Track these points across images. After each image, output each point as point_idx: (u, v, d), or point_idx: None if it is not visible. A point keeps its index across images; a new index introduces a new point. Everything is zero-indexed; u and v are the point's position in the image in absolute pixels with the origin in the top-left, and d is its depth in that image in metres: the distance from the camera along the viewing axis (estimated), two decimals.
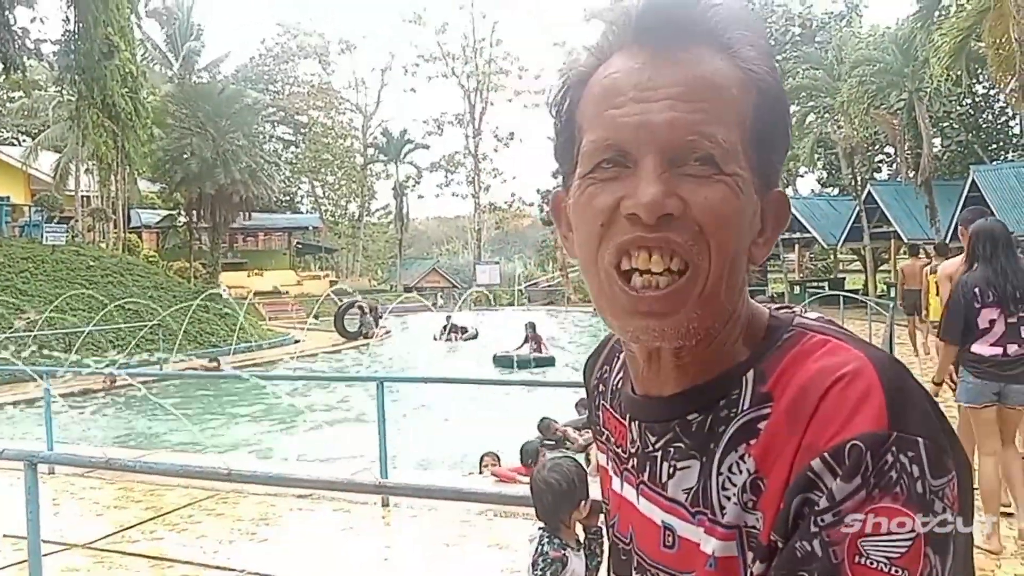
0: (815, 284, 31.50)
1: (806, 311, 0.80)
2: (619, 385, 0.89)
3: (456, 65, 55.19)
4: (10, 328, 15.12)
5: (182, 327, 17.51)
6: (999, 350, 4.60)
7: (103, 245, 25.98)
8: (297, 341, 21.68)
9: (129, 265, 22.25)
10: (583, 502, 2.86)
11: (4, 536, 5.23)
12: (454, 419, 9.91)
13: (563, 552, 2.85)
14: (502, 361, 16.22)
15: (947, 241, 20.85)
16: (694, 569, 0.74)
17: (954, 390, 4.84)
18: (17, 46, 19.45)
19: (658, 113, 0.69)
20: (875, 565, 0.60)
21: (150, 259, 28.97)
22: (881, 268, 31.47)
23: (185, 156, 26.88)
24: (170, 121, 27.65)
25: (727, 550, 0.70)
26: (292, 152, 54.20)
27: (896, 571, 0.60)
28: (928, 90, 23.42)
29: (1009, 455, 4.73)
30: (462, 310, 27.25)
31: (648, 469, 0.80)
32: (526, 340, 16.79)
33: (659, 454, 0.79)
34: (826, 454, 0.63)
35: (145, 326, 17.08)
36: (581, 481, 2.90)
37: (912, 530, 0.61)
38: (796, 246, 34.23)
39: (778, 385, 0.70)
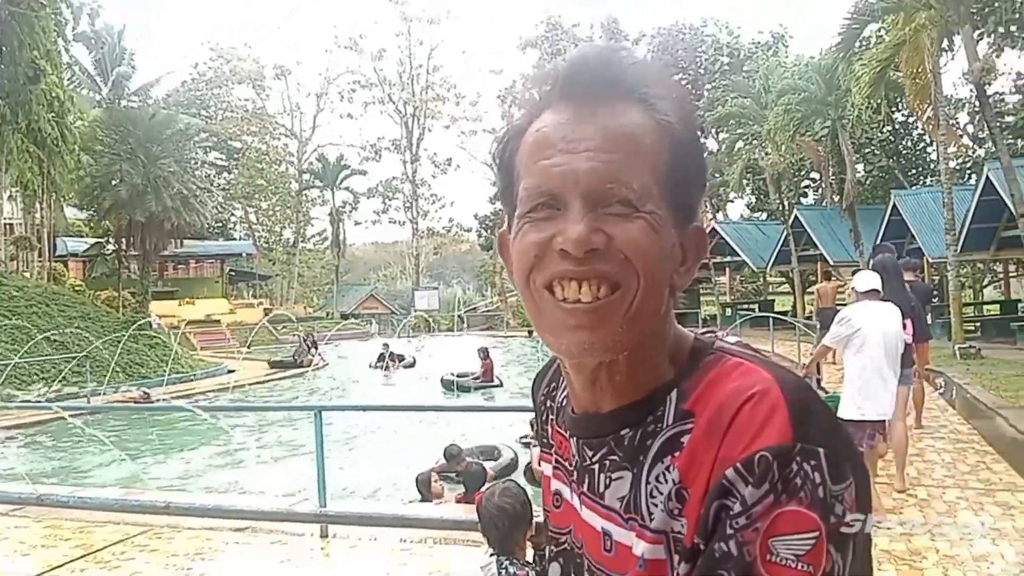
0: (746, 306, 32.26)
1: (727, 335, 0.89)
2: (563, 403, 0.97)
3: (393, 91, 55.27)
4: None
5: (113, 359, 17.04)
6: None
7: (27, 275, 25.19)
8: (231, 371, 21.27)
9: (55, 295, 21.59)
10: (532, 522, 3.00)
11: None
12: (395, 446, 9.88)
13: (526, 571, 2.95)
14: (448, 385, 16.29)
15: (867, 264, 21.62)
16: (628, 571, 0.81)
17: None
18: None
19: (581, 163, 0.77)
20: (784, 562, 0.68)
21: (77, 288, 28.16)
22: (809, 290, 32.37)
23: (114, 182, 26.27)
24: (99, 147, 27.00)
25: (655, 553, 0.77)
26: (225, 178, 53.30)
27: (803, 566, 0.67)
28: (850, 118, 24.29)
29: (898, 425, 6.44)
30: (400, 336, 27.12)
31: (587, 481, 0.88)
32: (483, 365, 16.89)
33: (596, 466, 0.86)
34: (739, 464, 0.71)
35: (73, 358, 16.57)
36: (528, 503, 3.06)
37: (815, 530, 0.68)
38: (727, 269, 34.97)
39: (698, 403, 0.78)
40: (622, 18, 76.70)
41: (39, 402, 12.72)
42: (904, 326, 6.08)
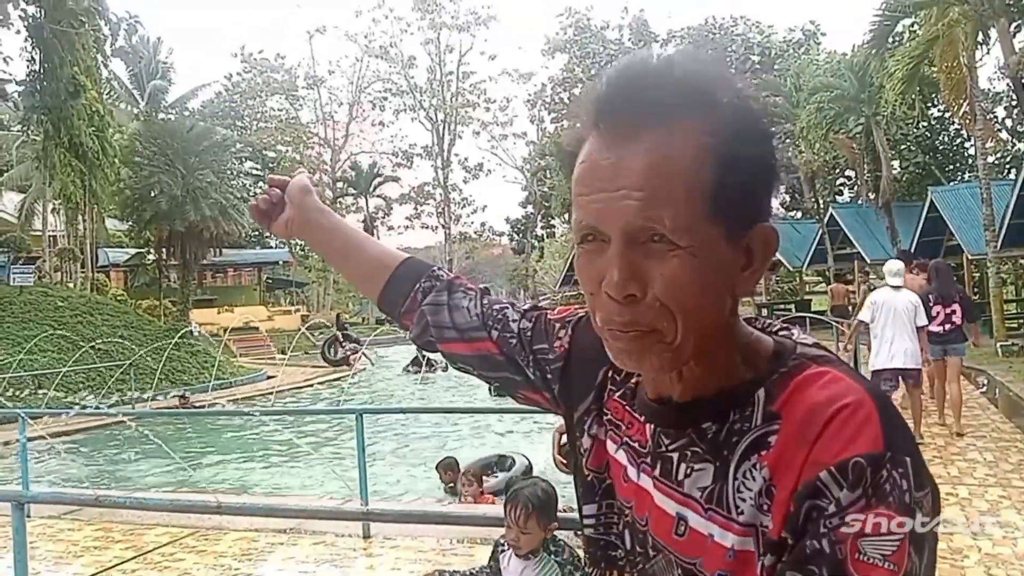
0: (782, 306, 31.95)
1: (802, 336, 0.94)
2: (634, 384, 1.01)
3: (424, 98, 55.65)
4: None
5: (158, 366, 17.39)
6: (941, 327, 8.66)
7: (71, 285, 25.75)
8: (270, 376, 21.57)
9: (98, 305, 22.05)
10: (555, 518, 3.42)
11: None
12: (434, 448, 10.01)
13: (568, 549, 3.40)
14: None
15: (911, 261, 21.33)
16: (700, 556, 0.87)
17: None
18: None
19: (616, 202, 0.81)
20: (871, 560, 0.73)
21: (119, 298, 28.68)
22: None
23: (154, 194, 26.79)
24: (138, 159, 27.55)
25: (744, 544, 0.83)
26: (261, 187, 53.94)
27: (889, 566, 0.73)
28: (885, 115, 24.02)
29: (954, 387, 8.75)
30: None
31: (661, 466, 0.93)
32: None
33: (675, 455, 0.91)
34: (833, 468, 0.75)
35: (118, 366, 16.94)
36: (555, 499, 3.47)
37: (901, 533, 0.74)
38: None
39: (786, 406, 0.83)
40: (651, 18, 76.22)
41: (92, 408, 13.04)
42: (954, 311, 8.69)
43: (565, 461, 4.41)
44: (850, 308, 19.16)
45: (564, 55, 49.02)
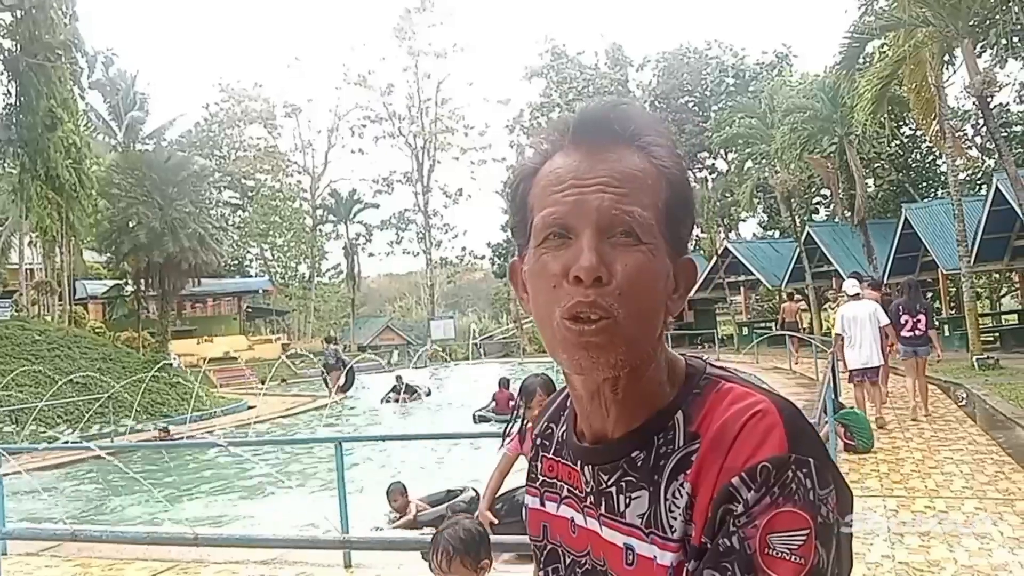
0: (762, 324, 32.14)
1: (710, 359, 1.03)
2: (564, 437, 1.07)
3: (403, 125, 55.84)
4: None
5: (136, 399, 17.23)
6: (911, 333, 10.64)
7: (48, 319, 25.52)
8: (251, 407, 21.41)
9: (76, 337, 21.86)
10: (481, 561, 3.09)
11: None
12: (417, 476, 9.95)
13: None
14: (478, 419, 16.17)
15: (884, 277, 21.60)
16: None
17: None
18: None
19: (591, 195, 0.90)
20: (779, 555, 0.80)
21: (97, 330, 28.43)
22: (825, 306, 32.24)
23: (132, 225, 26.68)
24: (115, 191, 27.45)
25: (680, 559, 0.88)
26: (240, 216, 53.85)
27: (796, 559, 0.80)
28: (857, 134, 24.38)
29: (921, 381, 10.88)
30: (417, 367, 27.18)
31: (605, 503, 0.98)
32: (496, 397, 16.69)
33: (614, 489, 0.96)
34: (743, 473, 0.83)
35: (96, 399, 16.77)
36: (486, 542, 3.15)
37: (807, 528, 0.80)
38: (742, 288, 34.91)
39: (703, 425, 0.90)
40: (626, 44, 77.11)
41: (70, 443, 12.88)
42: (920, 320, 10.63)
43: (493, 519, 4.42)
44: (799, 324, 23.78)
45: (542, 80, 49.40)
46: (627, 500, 0.95)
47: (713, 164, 47.07)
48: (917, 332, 10.65)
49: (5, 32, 21.53)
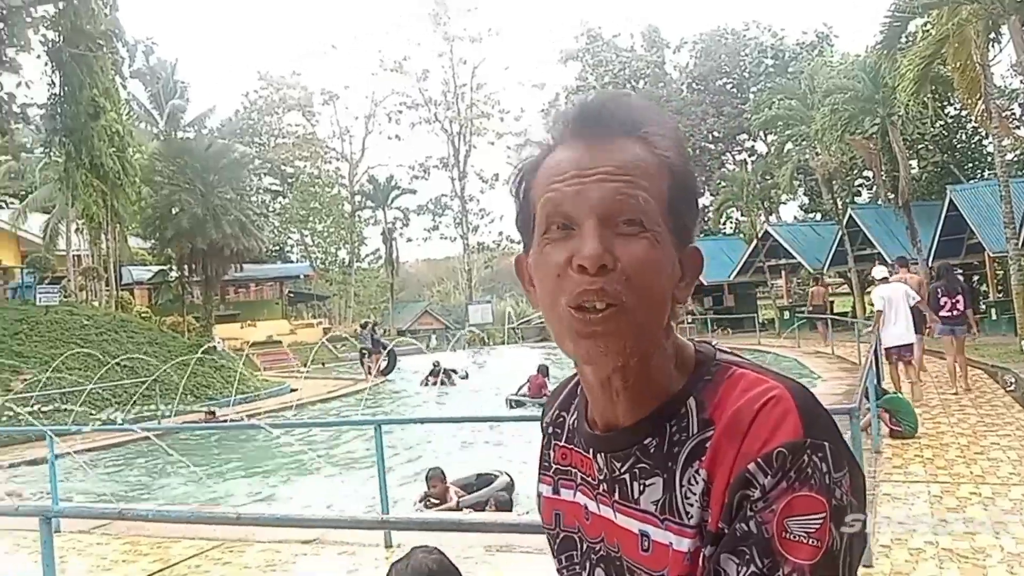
0: (803, 308, 31.75)
1: (717, 343, 1.03)
2: (575, 425, 1.08)
3: (438, 111, 55.93)
4: (8, 390, 15.20)
5: (181, 381, 17.58)
6: (949, 313, 11.15)
7: (96, 304, 26.09)
8: (294, 390, 21.74)
9: (123, 322, 22.33)
10: None
11: None
12: (456, 458, 10.06)
13: None
14: (513, 404, 16.30)
15: (928, 260, 21.21)
16: (666, 566, 0.92)
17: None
18: (4, 111, 19.74)
19: (593, 184, 0.90)
20: (796, 538, 0.80)
21: (143, 315, 28.99)
22: (868, 289, 31.74)
23: (175, 212, 27.13)
24: (158, 178, 27.90)
25: (697, 545, 0.89)
26: (280, 203, 54.49)
27: (812, 541, 0.80)
28: (900, 115, 23.89)
29: (960, 358, 11.55)
30: (455, 350, 27.35)
31: (618, 490, 0.98)
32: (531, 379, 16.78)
33: (627, 476, 0.97)
34: (759, 459, 0.83)
35: (143, 382, 17.14)
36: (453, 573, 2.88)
37: (823, 511, 0.81)
38: (783, 272, 34.47)
39: (716, 411, 0.90)
40: (662, 26, 76.17)
41: (119, 425, 13.21)
42: (958, 301, 11.16)
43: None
44: (826, 308, 25.31)
45: (577, 64, 49.09)
46: (641, 487, 0.95)
47: (752, 146, 46.51)
48: (955, 312, 11.19)
49: (48, 23, 21.87)
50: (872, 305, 14.10)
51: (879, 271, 11.82)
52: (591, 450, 1.02)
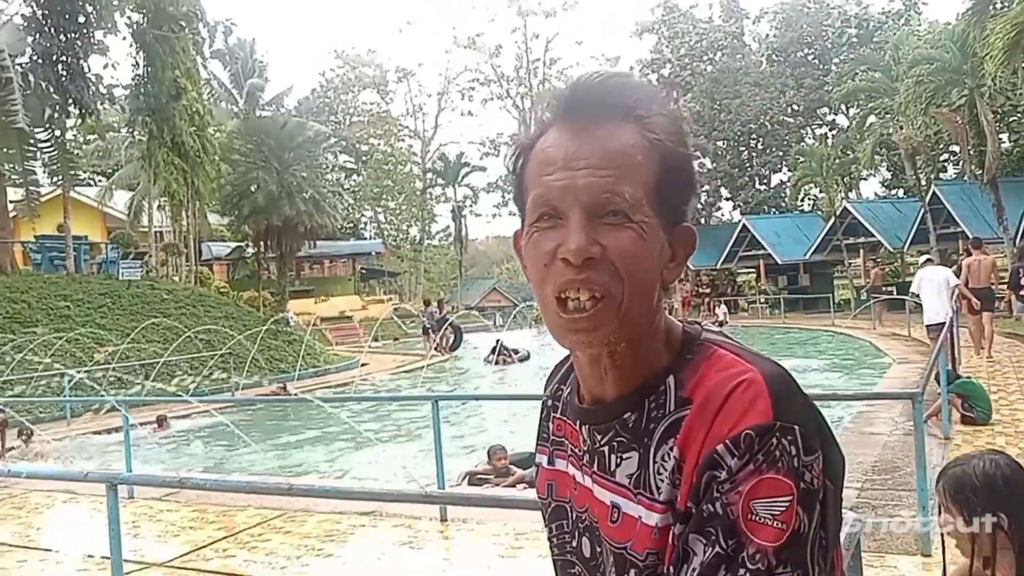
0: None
1: (707, 325, 1.03)
2: (569, 398, 1.10)
3: (511, 87, 55.86)
4: (91, 360, 15.88)
5: (253, 355, 18.08)
6: None
7: (176, 278, 27.01)
8: (363, 364, 22.16)
9: (201, 297, 23.03)
10: None
11: (88, 556, 5.59)
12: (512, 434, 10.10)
13: None
14: None
15: (1015, 239, 20.25)
16: (631, 539, 0.94)
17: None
18: (91, 92, 20.50)
19: (580, 179, 0.90)
20: (761, 520, 0.81)
21: (221, 290, 29.85)
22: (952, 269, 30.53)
23: (252, 190, 27.84)
24: (236, 156, 28.65)
25: (666, 521, 0.90)
26: (354, 180, 55.36)
27: (777, 524, 0.81)
28: (989, 86, 22.80)
29: None
30: (512, 329, 27.45)
31: (597, 462, 1.00)
32: None
33: (606, 448, 0.99)
34: (727, 441, 0.84)
35: (216, 354, 17.69)
36: None
37: (789, 494, 0.82)
38: (861, 251, 33.40)
39: (695, 391, 0.91)
40: None
41: (195, 395, 13.68)
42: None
43: None
44: (884, 290, 25.65)
45: (652, 36, 48.22)
46: (618, 460, 0.97)
47: (833, 120, 45.07)
48: None
49: (134, 5, 22.58)
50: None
51: (924, 257, 13.21)
52: (577, 422, 1.05)
